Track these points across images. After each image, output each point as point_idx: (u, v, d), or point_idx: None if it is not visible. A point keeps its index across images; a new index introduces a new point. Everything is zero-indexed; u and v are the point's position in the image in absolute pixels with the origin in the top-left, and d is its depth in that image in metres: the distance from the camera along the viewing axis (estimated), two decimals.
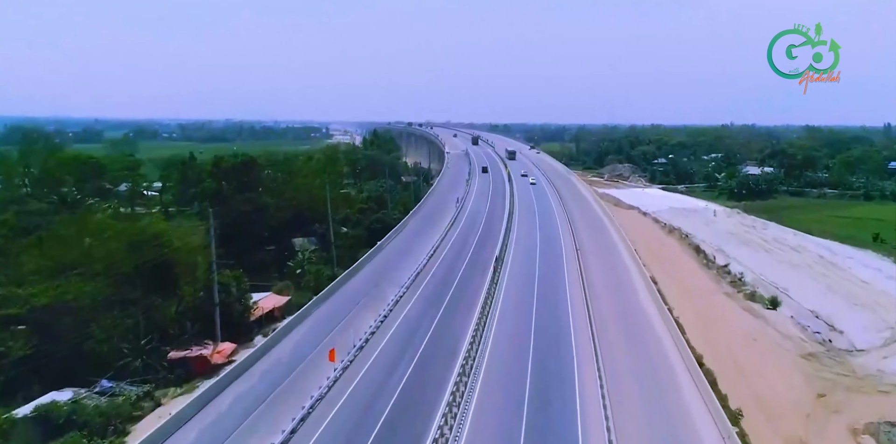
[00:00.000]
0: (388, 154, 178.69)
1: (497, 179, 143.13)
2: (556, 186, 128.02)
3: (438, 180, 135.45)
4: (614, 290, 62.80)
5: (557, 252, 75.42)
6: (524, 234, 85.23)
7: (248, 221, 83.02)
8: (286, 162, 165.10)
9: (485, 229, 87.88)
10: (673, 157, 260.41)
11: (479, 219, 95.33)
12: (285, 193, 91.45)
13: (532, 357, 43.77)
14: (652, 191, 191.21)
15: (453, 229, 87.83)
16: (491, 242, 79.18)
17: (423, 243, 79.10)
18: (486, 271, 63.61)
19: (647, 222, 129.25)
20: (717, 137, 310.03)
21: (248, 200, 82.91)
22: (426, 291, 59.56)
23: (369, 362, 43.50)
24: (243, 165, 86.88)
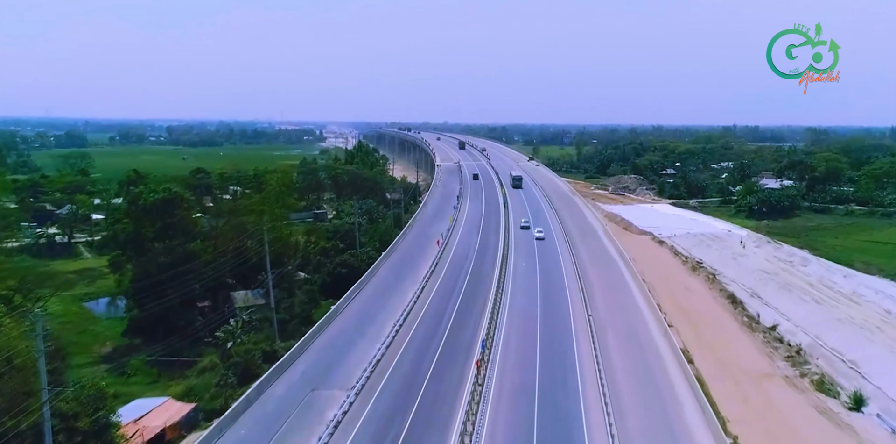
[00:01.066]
0: (371, 168, 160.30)
1: (491, 201, 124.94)
2: (561, 216, 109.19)
3: (423, 206, 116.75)
4: (643, 388, 44.55)
5: (565, 326, 56.92)
6: (521, 293, 66.69)
7: (175, 270, 64.77)
8: (252, 179, 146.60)
9: (471, 283, 69.32)
10: (680, 165, 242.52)
11: (465, 265, 76.77)
12: (224, 233, 72.90)
13: None
14: (662, 207, 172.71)
15: (432, 282, 69.36)
16: (477, 306, 61.00)
17: (389, 308, 60.76)
18: (467, 366, 45.53)
19: (664, 253, 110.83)
20: (725, 144, 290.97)
21: (169, 250, 64.37)
22: (376, 410, 41.16)
23: None
24: (165, 204, 68.05)
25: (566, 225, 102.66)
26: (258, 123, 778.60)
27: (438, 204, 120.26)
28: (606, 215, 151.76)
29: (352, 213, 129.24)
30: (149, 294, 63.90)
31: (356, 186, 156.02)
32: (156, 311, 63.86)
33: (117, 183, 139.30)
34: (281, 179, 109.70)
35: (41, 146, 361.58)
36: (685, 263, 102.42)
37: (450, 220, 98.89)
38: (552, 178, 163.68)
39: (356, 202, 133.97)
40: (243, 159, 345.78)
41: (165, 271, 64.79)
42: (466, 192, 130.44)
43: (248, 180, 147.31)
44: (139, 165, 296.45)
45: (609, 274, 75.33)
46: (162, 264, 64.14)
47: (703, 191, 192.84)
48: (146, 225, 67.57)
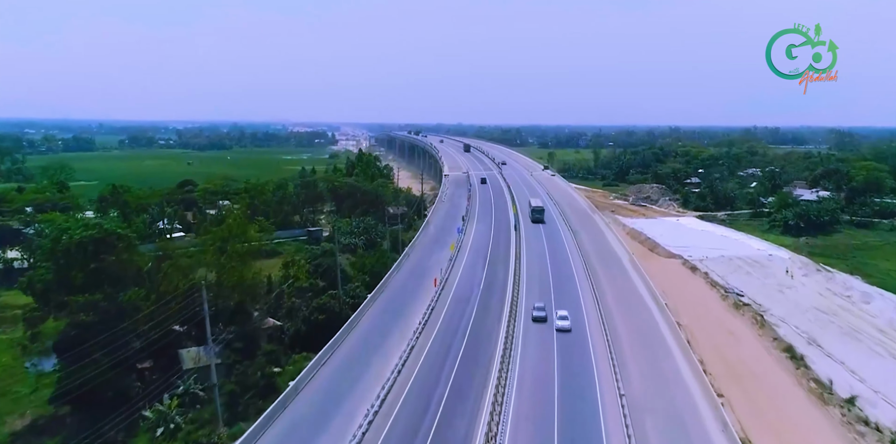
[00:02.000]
0: (372, 180, 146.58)
1: (501, 217, 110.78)
2: (580, 240, 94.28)
3: (424, 227, 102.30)
4: None
5: (591, 414, 42.71)
6: (533, 352, 52.49)
7: (108, 326, 51.35)
8: (242, 193, 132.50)
9: (471, 343, 55.12)
10: (704, 172, 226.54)
11: (465, 314, 62.58)
12: (171, 278, 59.19)
13: None
14: (688, 221, 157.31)
15: (422, 341, 55.27)
16: (477, 379, 47.16)
17: (364, 384, 47.02)
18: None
19: (698, 284, 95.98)
20: (750, 148, 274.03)
21: (92, 305, 50.78)
22: None
23: None
24: (96, 244, 54.37)
25: (585, 251, 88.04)
26: (272, 125, 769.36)
27: (442, 224, 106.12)
28: (629, 233, 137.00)
29: (349, 232, 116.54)
30: (76, 354, 50.72)
31: (356, 199, 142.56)
32: (86, 373, 50.57)
33: (97, 198, 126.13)
34: (243, 209, 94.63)
35: (47, 150, 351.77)
36: (724, 297, 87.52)
37: (451, 249, 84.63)
38: (568, 190, 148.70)
39: (353, 220, 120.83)
40: (250, 164, 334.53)
41: (95, 327, 51.52)
42: (474, 209, 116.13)
43: (236, 194, 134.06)
44: (143, 171, 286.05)
45: (641, 326, 60.75)
46: (86, 323, 50.57)
47: (732, 202, 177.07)
48: (73, 270, 53.94)
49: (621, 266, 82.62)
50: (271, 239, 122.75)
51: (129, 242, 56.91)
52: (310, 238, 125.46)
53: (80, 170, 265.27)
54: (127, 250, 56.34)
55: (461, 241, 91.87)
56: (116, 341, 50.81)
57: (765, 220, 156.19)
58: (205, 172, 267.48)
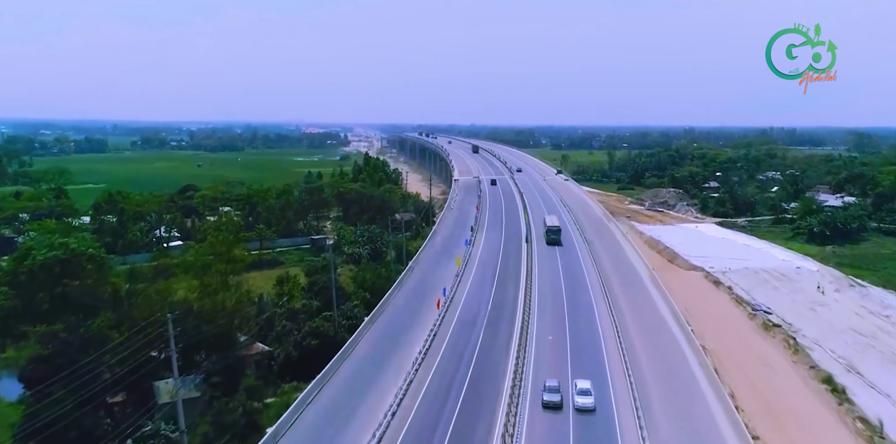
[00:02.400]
0: (379, 185, 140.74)
1: (511, 223, 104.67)
2: (595, 253, 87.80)
3: (431, 238, 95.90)
4: None
5: None
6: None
7: (79, 354, 45.97)
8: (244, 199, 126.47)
9: (476, 376, 49.11)
10: (721, 175, 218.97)
11: (472, 338, 56.60)
12: (148, 303, 53.56)
13: None
14: (708, 228, 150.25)
15: (422, 374, 49.32)
16: (483, 420, 41.28)
17: (353, 429, 41.18)
18: None
19: (722, 300, 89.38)
20: (769, 151, 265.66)
21: (52, 336, 45.27)
22: None
23: None
24: (63, 265, 48.85)
25: (602, 266, 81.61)
26: (286, 126, 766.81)
27: (450, 233, 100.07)
28: (646, 241, 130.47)
29: (353, 241, 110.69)
30: (40, 390, 45.39)
31: (363, 205, 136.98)
32: (50, 412, 45.16)
33: (92, 205, 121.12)
34: (227, 225, 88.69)
35: (59, 152, 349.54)
36: (752, 316, 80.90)
37: (458, 263, 78.58)
38: (582, 196, 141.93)
39: (358, 229, 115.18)
40: (261, 166, 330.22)
41: (60, 358, 46.11)
42: (484, 217, 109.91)
43: (238, 200, 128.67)
44: (152, 173, 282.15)
45: (666, 355, 54.38)
46: (49, 355, 45.12)
47: (752, 208, 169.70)
48: (37, 294, 48.47)
49: (641, 285, 76.08)
50: (273, 247, 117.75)
51: (99, 263, 51.34)
52: (313, 247, 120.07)
53: (89, 172, 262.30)
54: (98, 272, 50.75)
55: (469, 253, 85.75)
56: (85, 374, 45.40)
57: (787, 227, 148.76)
58: (213, 174, 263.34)
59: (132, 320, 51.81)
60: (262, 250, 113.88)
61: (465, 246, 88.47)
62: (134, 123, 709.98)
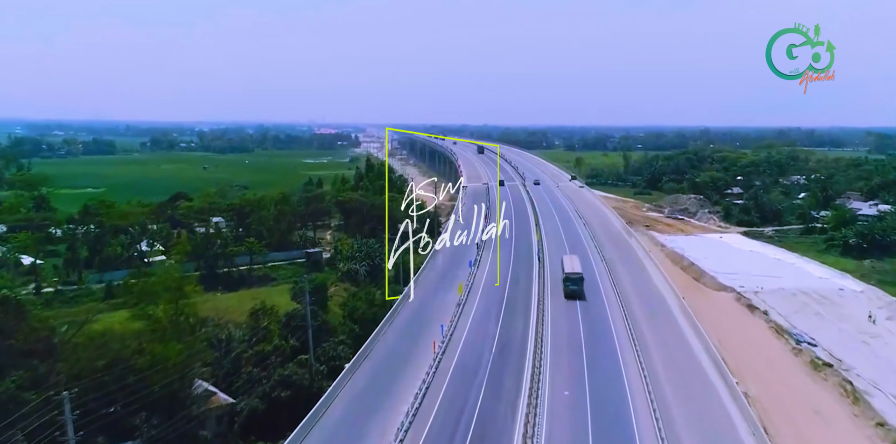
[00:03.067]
0: (380, 195, 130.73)
1: (522, 239, 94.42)
2: (616, 274, 77.42)
3: (430, 259, 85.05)
4: None
5: None
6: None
7: None
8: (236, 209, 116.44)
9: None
10: (743, 179, 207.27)
11: (472, 394, 46.52)
12: (81, 352, 43.85)
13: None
14: (733, 239, 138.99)
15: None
16: None
17: None
18: None
19: (759, 328, 78.62)
20: (791, 153, 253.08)
21: None
22: None
23: None
24: None
25: (624, 291, 71.24)
26: (298, 126, 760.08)
27: (454, 251, 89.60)
28: (668, 254, 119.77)
29: (350, 256, 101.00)
30: None
31: (364, 214, 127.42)
32: None
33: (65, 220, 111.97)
34: (179, 257, 78.58)
35: (67, 154, 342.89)
36: (797, 351, 70.08)
37: (459, 291, 68.45)
38: (599, 205, 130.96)
39: (355, 243, 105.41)
40: (268, 168, 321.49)
41: None
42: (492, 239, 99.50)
43: (231, 210, 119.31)
44: (156, 176, 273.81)
45: (705, 412, 44.13)
46: None
47: (779, 216, 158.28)
48: None
49: (669, 315, 65.60)
50: (265, 262, 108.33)
51: (14, 307, 41.76)
52: (308, 261, 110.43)
53: (93, 175, 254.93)
54: (17, 317, 41.19)
55: (473, 276, 75.62)
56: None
57: (818, 237, 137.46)
58: (217, 177, 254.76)
59: (60, 375, 42.30)
60: (252, 266, 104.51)
61: (470, 267, 78.31)
62: (146, 123, 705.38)
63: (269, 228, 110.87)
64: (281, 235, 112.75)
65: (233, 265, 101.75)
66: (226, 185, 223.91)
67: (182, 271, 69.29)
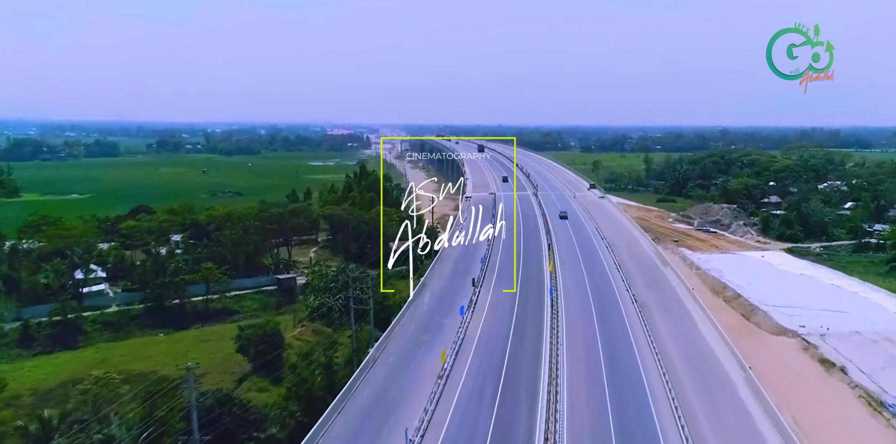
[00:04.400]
0: (370, 208, 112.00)
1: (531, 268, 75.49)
2: (649, 316, 58.58)
3: (410, 305, 65.46)
4: None
5: None
6: None
7: None
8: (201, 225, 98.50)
9: None
10: (775, 185, 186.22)
11: None
12: None
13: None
14: (778, 258, 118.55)
15: None
16: None
17: None
18: None
19: (839, 394, 58.87)
20: (826, 156, 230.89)
21: None
22: None
23: None
24: None
25: (666, 355, 52.02)
26: (312, 127, 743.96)
27: (444, 288, 70.82)
28: (705, 279, 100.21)
29: (323, 288, 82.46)
30: None
31: (351, 230, 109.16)
32: None
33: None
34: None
35: (68, 156, 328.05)
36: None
37: (442, 358, 49.56)
38: (624, 222, 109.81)
39: (328, 273, 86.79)
40: (272, 171, 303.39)
41: None
42: (494, 260, 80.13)
43: (195, 226, 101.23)
44: (152, 180, 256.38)
45: None
46: None
47: (825, 229, 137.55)
48: None
49: (729, 388, 46.60)
50: (226, 290, 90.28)
51: None
52: (279, 290, 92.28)
53: (86, 179, 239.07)
54: None
55: (464, 329, 56.65)
56: None
57: (876, 257, 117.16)
58: (215, 181, 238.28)
59: None
60: (210, 296, 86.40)
61: (461, 315, 59.25)
62: (160, 124, 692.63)
63: (234, 249, 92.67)
64: (249, 257, 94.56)
65: (185, 296, 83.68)
66: (218, 190, 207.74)
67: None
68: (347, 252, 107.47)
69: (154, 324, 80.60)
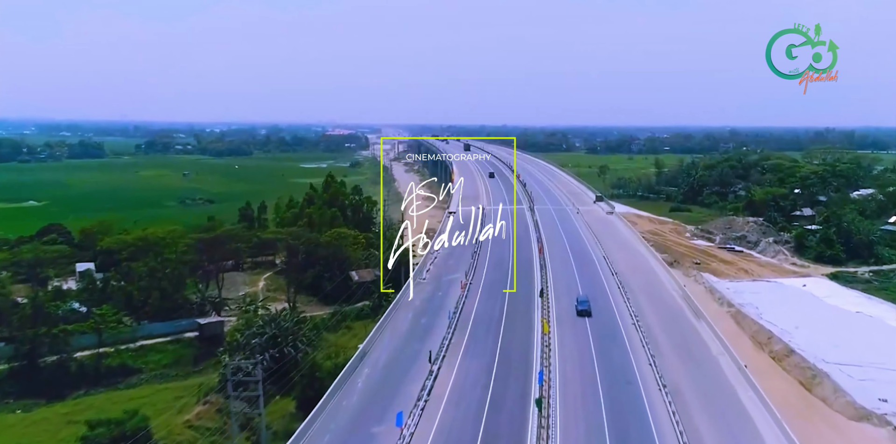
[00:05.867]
0: (331, 225, 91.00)
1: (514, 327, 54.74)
2: (689, 427, 38.08)
3: (352, 376, 45.17)
4: None
5: None
6: None
7: None
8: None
9: None
10: (801, 193, 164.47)
11: None
12: None
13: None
14: (823, 287, 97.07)
15: None
16: None
17: None
18: None
19: None
20: (853, 160, 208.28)
21: None
22: None
23: None
24: None
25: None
26: (314, 127, 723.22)
27: (388, 367, 49.22)
28: (739, 319, 79.18)
29: (244, 345, 62.10)
30: None
31: (306, 255, 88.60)
32: None
33: None
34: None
35: (48, 157, 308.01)
36: None
37: None
38: (639, 248, 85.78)
39: (256, 319, 66.19)
40: (257, 174, 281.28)
41: None
42: (467, 316, 58.69)
43: (106, 253, 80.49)
44: (129, 183, 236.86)
45: None
46: None
47: (871, 249, 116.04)
48: None
49: None
50: (128, 341, 69.67)
51: None
52: (201, 337, 71.67)
53: (52, 184, 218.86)
54: None
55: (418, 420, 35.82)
56: None
57: None
58: (194, 187, 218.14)
59: None
60: (103, 350, 65.79)
61: (398, 426, 37.85)
62: (161, 123, 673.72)
63: (148, 284, 71.95)
64: (165, 294, 73.72)
65: (68, 351, 63.13)
66: (189, 197, 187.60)
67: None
68: (301, 283, 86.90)
69: (21, 391, 60.24)
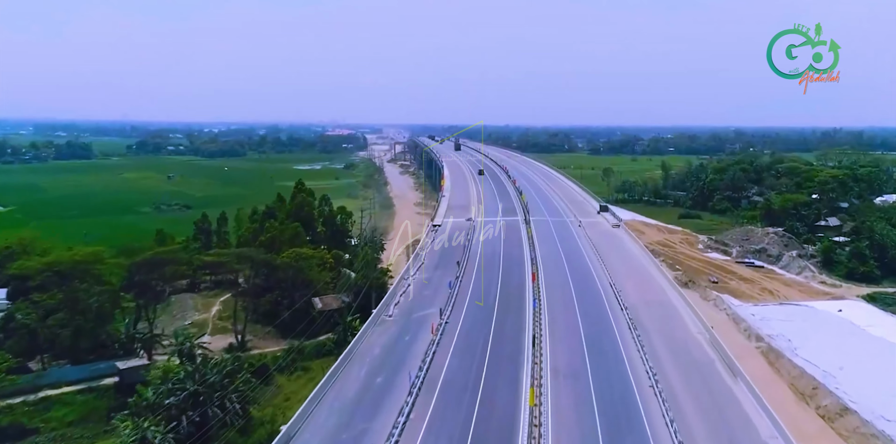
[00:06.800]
0: (291, 243, 77.67)
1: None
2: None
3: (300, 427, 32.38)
4: None
5: None
6: None
7: None
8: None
9: None
10: (819, 199, 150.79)
11: None
12: None
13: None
14: (858, 312, 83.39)
15: None
16: None
17: None
18: None
19: None
20: (874, 163, 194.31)
21: None
22: None
23: None
24: None
25: None
26: (314, 126, 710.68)
27: (338, 434, 36.50)
28: (771, 358, 65.90)
29: (161, 403, 48.83)
30: None
31: (269, 278, 75.45)
32: None
33: None
34: None
35: (33, 158, 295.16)
36: None
37: None
38: (651, 270, 72.36)
39: (175, 372, 52.94)
40: (246, 177, 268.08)
41: None
42: (437, 370, 45.29)
43: (19, 279, 67.13)
44: (108, 186, 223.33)
45: None
46: None
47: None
48: None
49: None
50: (33, 389, 56.59)
51: None
52: (121, 383, 58.48)
53: (26, 187, 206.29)
54: None
55: None
56: None
57: None
58: (173, 190, 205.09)
59: None
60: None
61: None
62: (160, 123, 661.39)
63: (54, 321, 58.79)
64: (80, 330, 60.41)
65: None
66: (165, 202, 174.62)
67: None
68: (256, 310, 73.83)
69: None
